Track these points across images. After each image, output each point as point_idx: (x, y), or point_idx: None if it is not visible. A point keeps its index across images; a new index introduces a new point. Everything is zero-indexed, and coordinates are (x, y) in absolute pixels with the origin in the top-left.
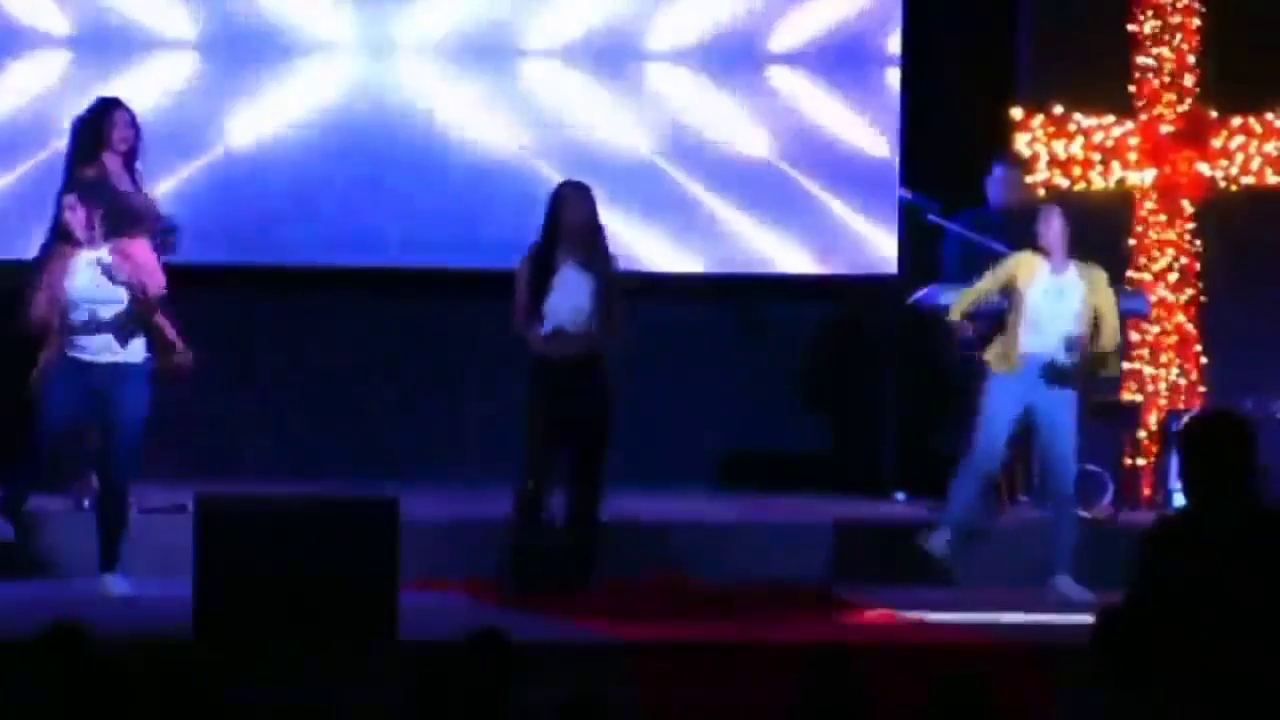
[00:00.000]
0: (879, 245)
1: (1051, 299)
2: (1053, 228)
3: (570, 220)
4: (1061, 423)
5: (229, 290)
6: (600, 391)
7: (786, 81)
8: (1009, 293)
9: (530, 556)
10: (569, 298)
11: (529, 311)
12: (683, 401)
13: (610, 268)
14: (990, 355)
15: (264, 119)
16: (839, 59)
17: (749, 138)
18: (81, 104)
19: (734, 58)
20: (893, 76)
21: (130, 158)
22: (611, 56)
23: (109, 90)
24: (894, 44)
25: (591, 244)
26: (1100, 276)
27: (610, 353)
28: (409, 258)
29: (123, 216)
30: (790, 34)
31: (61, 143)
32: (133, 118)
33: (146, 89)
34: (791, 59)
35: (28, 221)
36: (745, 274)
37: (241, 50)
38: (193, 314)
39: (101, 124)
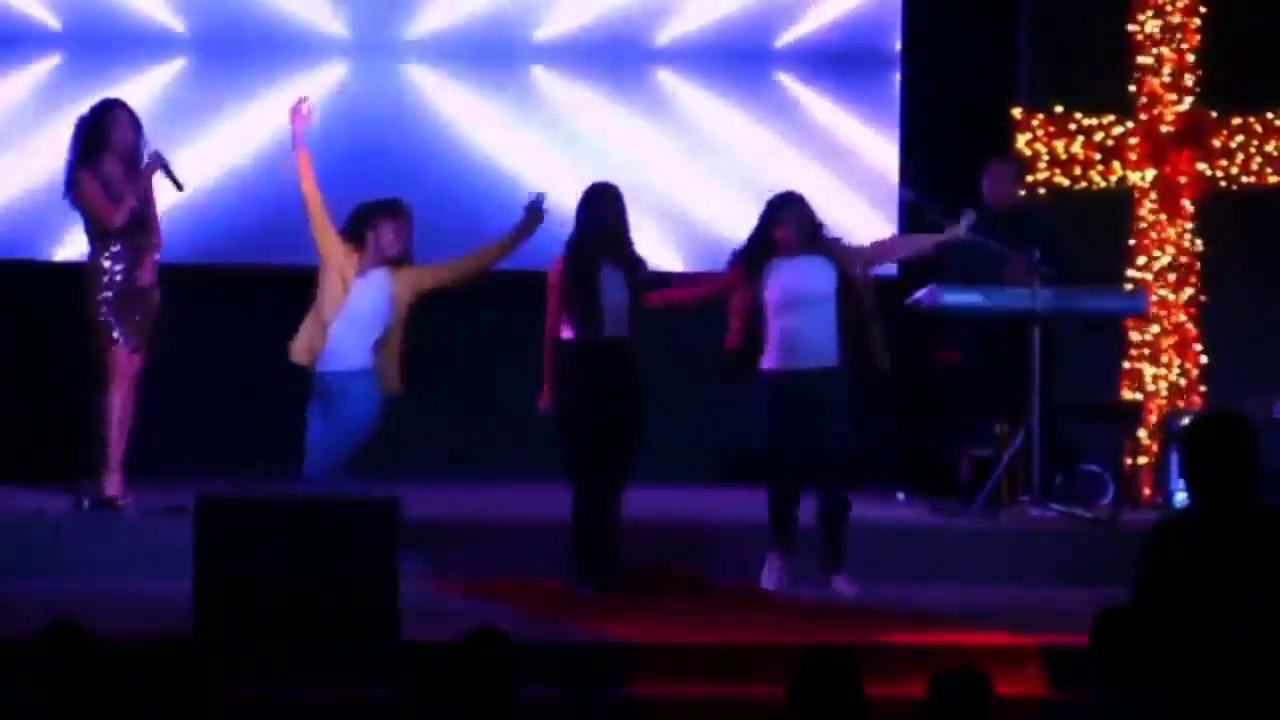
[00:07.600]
0: None
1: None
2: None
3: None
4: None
5: (229, 290)
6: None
7: (787, 81)
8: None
9: (597, 556)
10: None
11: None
12: (682, 401)
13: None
14: None
15: (264, 119)
16: (839, 59)
17: (749, 137)
18: (79, 104)
19: (735, 58)
20: (893, 76)
21: (132, 159)
22: (613, 56)
23: (108, 91)
24: (894, 44)
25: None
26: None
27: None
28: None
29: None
30: (791, 34)
31: (59, 143)
32: (135, 119)
33: (147, 89)
34: (792, 59)
35: (27, 220)
36: None
37: (241, 50)
38: (191, 314)
39: (104, 125)
